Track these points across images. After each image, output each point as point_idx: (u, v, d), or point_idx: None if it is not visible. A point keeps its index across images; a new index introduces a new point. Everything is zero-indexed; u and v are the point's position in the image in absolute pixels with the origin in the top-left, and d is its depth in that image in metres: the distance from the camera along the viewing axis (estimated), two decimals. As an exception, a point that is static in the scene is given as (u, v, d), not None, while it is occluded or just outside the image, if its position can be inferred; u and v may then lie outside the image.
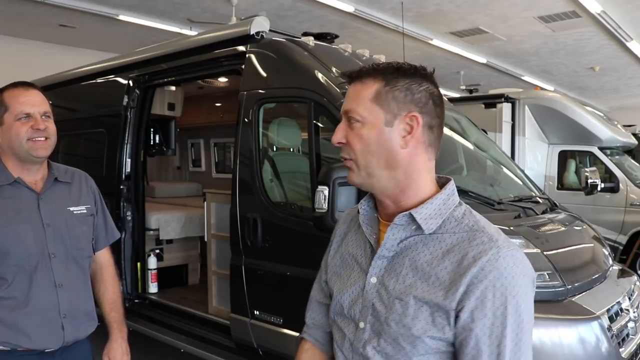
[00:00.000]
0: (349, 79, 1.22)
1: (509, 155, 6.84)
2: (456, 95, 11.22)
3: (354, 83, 1.21)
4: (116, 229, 2.28)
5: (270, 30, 3.71)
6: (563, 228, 3.32)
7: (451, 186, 1.21)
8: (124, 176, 4.48)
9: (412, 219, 1.15)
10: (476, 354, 1.05)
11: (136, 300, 4.59)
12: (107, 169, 4.63)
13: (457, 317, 1.07)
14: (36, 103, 1.93)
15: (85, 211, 2.06)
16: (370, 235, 1.24)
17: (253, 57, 3.63)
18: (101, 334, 2.17)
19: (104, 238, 2.19)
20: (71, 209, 2.02)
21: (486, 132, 5.69)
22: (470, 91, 9.92)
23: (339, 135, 1.19)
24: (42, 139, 1.91)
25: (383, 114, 1.14)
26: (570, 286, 2.81)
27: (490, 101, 7.68)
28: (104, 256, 2.21)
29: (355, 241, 1.29)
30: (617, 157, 7.85)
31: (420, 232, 1.15)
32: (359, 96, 1.17)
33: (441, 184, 1.23)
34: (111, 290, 2.19)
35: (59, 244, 1.93)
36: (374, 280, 1.18)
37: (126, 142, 4.49)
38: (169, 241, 5.19)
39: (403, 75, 1.16)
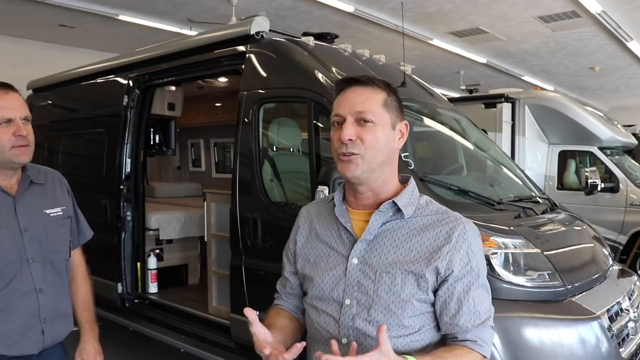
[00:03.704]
0: (353, 83, 1.37)
1: (509, 155, 6.84)
2: (456, 95, 11.22)
3: (358, 87, 1.36)
4: (89, 229, 2.22)
5: (270, 30, 3.71)
6: (563, 228, 3.31)
7: (413, 181, 1.44)
8: (124, 176, 4.47)
9: (395, 206, 1.36)
10: (458, 307, 1.32)
11: (136, 300, 4.58)
12: (107, 169, 4.63)
13: (444, 280, 1.32)
14: (17, 107, 1.84)
15: (61, 213, 2.01)
16: (346, 223, 1.41)
17: (253, 57, 3.63)
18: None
19: (76, 239, 2.15)
20: (47, 211, 1.96)
21: (486, 132, 5.68)
22: (470, 91, 9.93)
23: (350, 132, 1.32)
24: (25, 145, 1.84)
25: (389, 118, 1.36)
26: (570, 286, 2.80)
27: (490, 101, 7.68)
28: (76, 256, 2.17)
29: (327, 231, 1.46)
30: (617, 157, 7.85)
31: (398, 216, 1.37)
32: (371, 100, 1.34)
33: (401, 178, 1.45)
34: (82, 290, 2.16)
35: (37, 249, 1.88)
36: (355, 261, 1.36)
37: (126, 142, 4.49)
38: (169, 241, 5.19)
39: (391, 90, 1.40)
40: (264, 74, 3.58)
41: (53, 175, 2.09)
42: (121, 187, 4.46)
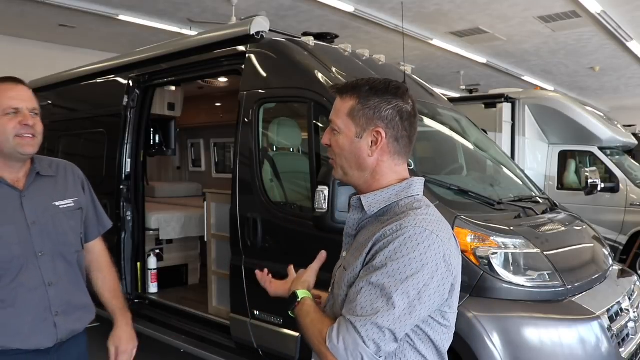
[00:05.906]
0: (335, 93, 1.45)
1: (509, 155, 6.85)
2: (456, 95, 11.22)
3: (337, 97, 1.44)
4: (107, 219, 2.23)
5: (270, 30, 3.71)
6: (563, 228, 3.32)
7: (409, 182, 1.39)
8: (124, 176, 4.48)
9: (361, 202, 1.39)
10: (353, 298, 1.25)
11: (136, 300, 4.59)
12: (107, 169, 4.63)
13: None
14: (25, 98, 1.88)
15: (72, 205, 2.00)
16: None
17: (253, 57, 3.63)
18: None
19: (96, 229, 2.16)
20: (57, 203, 1.96)
21: (486, 132, 5.69)
22: (470, 91, 9.92)
23: (325, 138, 1.45)
24: (30, 135, 1.86)
25: (354, 127, 1.37)
26: (570, 286, 2.81)
27: (490, 101, 7.69)
28: (98, 245, 2.18)
29: None
30: (617, 157, 7.85)
31: (366, 214, 1.39)
32: (339, 110, 1.41)
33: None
34: (109, 279, 2.18)
35: (46, 242, 1.88)
36: (344, 254, 1.46)
37: (126, 142, 4.49)
38: (169, 241, 5.19)
39: (375, 94, 1.36)
40: (264, 74, 3.58)
41: (66, 167, 2.09)
42: (121, 187, 4.46)
